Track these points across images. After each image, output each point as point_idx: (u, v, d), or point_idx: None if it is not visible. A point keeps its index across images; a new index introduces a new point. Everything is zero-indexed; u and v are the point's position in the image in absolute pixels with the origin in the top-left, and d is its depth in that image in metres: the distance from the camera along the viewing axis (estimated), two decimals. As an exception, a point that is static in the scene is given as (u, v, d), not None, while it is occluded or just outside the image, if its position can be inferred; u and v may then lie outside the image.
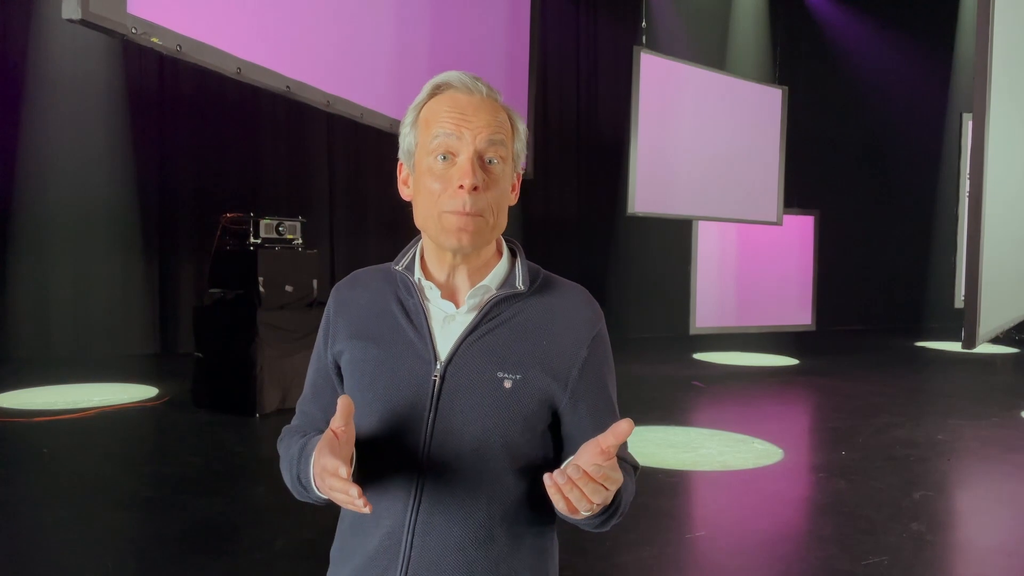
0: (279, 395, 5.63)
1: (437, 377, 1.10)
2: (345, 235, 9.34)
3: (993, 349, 10.27)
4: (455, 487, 1.09)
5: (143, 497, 4.01)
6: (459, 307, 1.14)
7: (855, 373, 8.33)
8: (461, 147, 1.09)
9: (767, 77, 11.42)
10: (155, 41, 3.71)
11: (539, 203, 10.45)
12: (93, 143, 8.05)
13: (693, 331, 10.22)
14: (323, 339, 1.22)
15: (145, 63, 8.19)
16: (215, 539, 3.47)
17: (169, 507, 3.83)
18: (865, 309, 12.78)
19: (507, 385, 1.10)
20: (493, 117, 1.11)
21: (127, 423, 5.51)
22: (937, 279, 12.73)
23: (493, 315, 1.13)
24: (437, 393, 1.10)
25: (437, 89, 1.14)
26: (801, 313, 11.26)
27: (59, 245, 7.99)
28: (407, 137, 1.16)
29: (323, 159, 9.19)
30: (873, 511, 3.95)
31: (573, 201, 11.00)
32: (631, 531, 3.56)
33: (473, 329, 1.12)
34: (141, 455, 4.87)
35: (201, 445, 4.98)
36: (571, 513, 0.98)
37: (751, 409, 6.71)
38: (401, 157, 1.18)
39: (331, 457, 0.98)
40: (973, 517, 4.17)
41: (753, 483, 4.49)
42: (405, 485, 1.10)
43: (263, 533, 3.56)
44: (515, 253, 1.20)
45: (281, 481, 1.21)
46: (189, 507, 3.81)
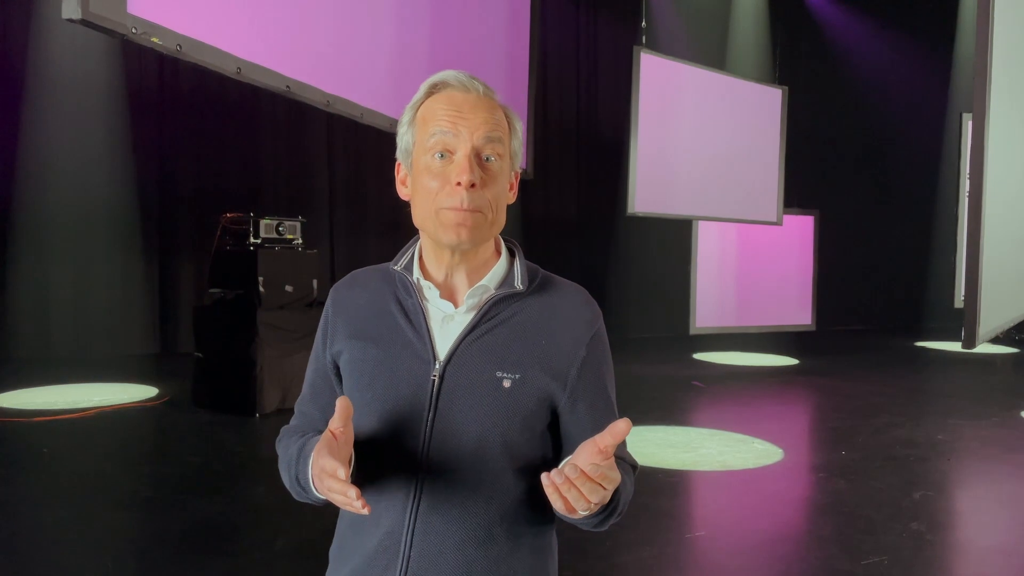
0: (279, 395, 5.63)
1: (436, 377, 1.10)
2: (345, 235, 9.34)
3: (993, 349, 10.27)
4: (454, 487, 1.09)
5: (143, 497, 4.01)
6: (458, 307, 1.14)
7: (855, 373, 8.33)
8: (458, 145, 1.09)
9: (767, 77, 11.42)
10: (155, 41, 3.71)
11: (539, 203, 10.45)
12: (93, 143, 8.05)
13: (693, 331, 10.23)
14: (322, 339, 1.22)
15: (145, 63, 8.19)
16: (215, 539, 3.47)
17: (169, 507, 3.83)
18: (865, 309, 12.77)
19: (506, 385, 1.10)
20: (490, 115, 1.11)
21: (127, 423, 5.51)
22: (937, 279, 12.73)
23: (492, 315, 1.13)
24: (436, 393, 1.10)
25: (434, 88, 1.14)
26: (801, 313, 11.26)
27: (59, 245, 7.99)
28: (404, 136, 1.16)
29: (323, 159, 9.19)
30: (873, 511, 3.95)
31: (573, 201, 11.00)
32: (631, 531, 3.56)
33: (472, 329, 1.12)
34: (141, 455, 4.87)
35: (201, 445, 4.99)
36: (569, 513, 0.98)
37: (751, 409, 6.71)
38: (399, 157, 1.18)
39: (330, 458, 0.98)
40: (973, 517, 4.17)
41: (753, 483, 4.49)
42: (404, 485, 1.10)
43: (263, 533, 3.56)
44: (513, 253, 1.20)
45: (281, 481, 1.21)
46: (189, 507, 3.81)
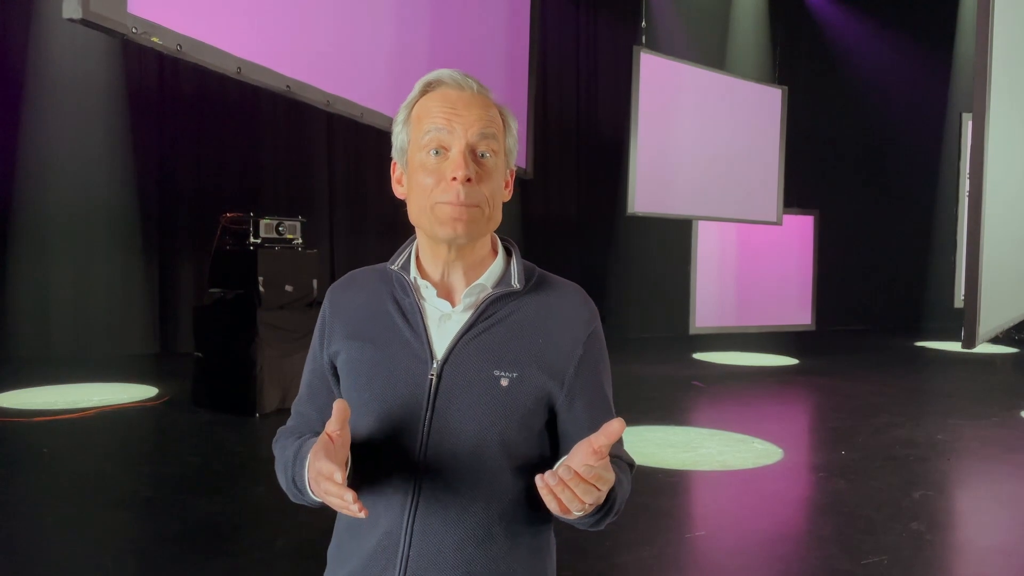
0: (279, 395, 5.63)
1: (434, 376, 1.10)
2: (345, 235, 9.34)
3: (993, 349, 10.27)
4: (453, 486, 1.09)
5: (143, 497, 4.01)
6: (455, 306, 1.14)
7: (855, 373, 8.33)
8: (453, 141, 1.09)
9: (767, 77, 11.42)
10: (155, 41, 3.71)
11: (539, 203, 10.45)
12: (93, 143, 8.04)
13: (693, 331, 10.23)
14: (319, 340, 1.22)
15: (145, 63, 8.19)
16: (215, 539, 3.47)
17: (169, 507, 3.83)
18: (865, 309, 12.77)
19: (504, 383, 1.10)
20: (484, 112, 1.11)
21: (127, 423, 5.51)
22: (937, 279, 12.73)
23: (489, 314, 1.13)
24: (434, 392, 1.10)
25: (428, 86, 1.14)
26: (801, 313, 11.26)
27: (59, 245, 7.99)
28: (399, 135, 1.16)
29: (323, 159, 9.19)
30: (873, 511, 3.95)
31: (573, 201, 11.00)
32: (631, 531, 3.56)
33: (469, 328, 1.12)
34: (141, 455, 4.87)
35: (201, 445, 4.99)
36: (563, 513, 0.98)
37: (751, 409, 6.71)
38: (394, 155, 1.18)
39: (326, 461, 0.98)
40: (973, 517, 4.17)
41: (753, 483, 4.49)
42: (403, 485, 1.10)
43: (263, 533, 3.56)
44: (510, 252, 1.20)
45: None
46: (189, 507, 3.81)
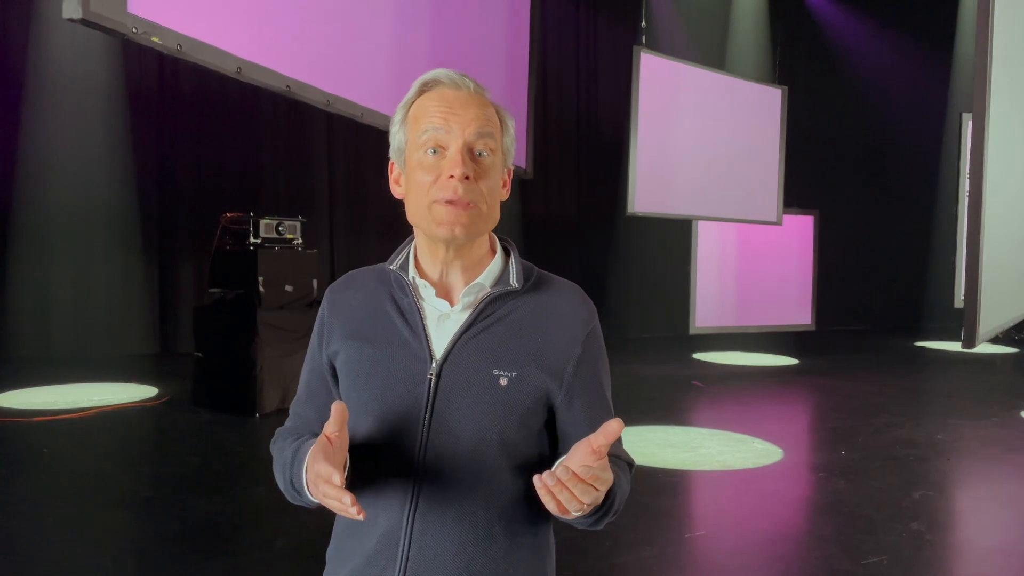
0: (279, 395, 5.63)
1: (433, 376, 1.10)
2: (345, 235, 9.34)
3: (993, 349, 10.27)
4: (452, 486, 1.09)
5: (143, 497, 4.01)
6: (453, 305, 1.14)
7: (855, 373, 8.33)
8: (450, 140, 1.09)
9: (767, 77, 11.42)
10: (155, 40, 3.71)
11: (539, 203, 10.45)
12: (93, 143, 8.04)
13: (693, 331, 10.23)
14: (317, 340, 1.22)
15: (145, 63, 8.19)
16: (215, 539, 3.47)
17: (169, 507, 3.83)
18: (865, 309, 12.77)
19: (503, 383, 1.10)
20: (482, 111, 1.11)
21: (127, 423, 5.51)
22: (937, 279, 12.73)
23: (488, 313, 1.13)
24: (433, 392, 1.10)
25: (425, 86, 1.14)
26: (801, 313, 11.26)
27: (59, 245, 7.99)
28: (397, 135, 1.16)
29: (323, 159, 9.19)
30: (873, 511, 3.95)
31: (573, 201, 10.99)
32: (631, 531, 3.56)
33: (468, 327, 1.12)
34: (141, 455, 4.87)
35: (201, 445, 4.98)
36: (562, 514, 0.98)
37: (751, 409, 6.71)
38: (392, 156, 1.18)
39: (325, 463, 0.98)
40: (973, 517, 4.17)
41: (753, 483, 4.49)
42: (402, 485, 1.09)
43: (263, 533, 3.56)
44: (508, 251, 1.20)
45: (279, 482, 1.21)
46: (189, 507, 3.81)
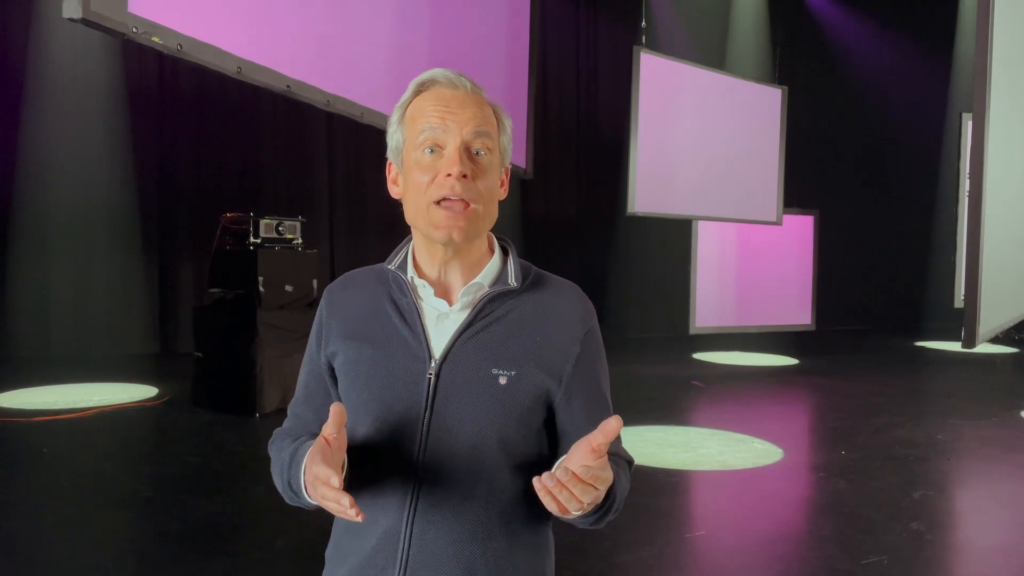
0: (279, 395, 5.63)
1: (432, 375, 1.10)
2: (345, 235, 9.34)
3: (993, 349, 10.27)
4: (452, 485, 1.09)
5: (143, 497, 4.01)
6: (452, 305, 1.14)
7: (855, 373, 8.33)
8: (448, 139, 1.09)
9: (767, 77, 11.42)
10: (156, 40, 3.71)
11: (539, 203, 10.45)
12: (93, 143, 8.04)
13: (693, 331, 10.23)
14: (316, 341, 1.22)
15: (145, 63, 8.19)
16: (215, 539, 3.47)
17: (169, 507, 3.83)
18: (865, 309, 12.77)
19: (502, 382, 1.10)
20: (479, 110, 1.12)
21: (127, 423, 5.51)
22: (937, 279, 12.73)
23: (486, 312, 1.13)
24: (432, 391, 1.10)
25: (422, 86, 1.15)
26: (801, 313, 11.27)
27: (59, 245, 7.99)
28: (394, 135, 1.16)
29: (323, 159, 9.19)
30: (873, 511, 3.95)
31: (573, 201, 10.99)
32: (631, 531, 3.56)
33: (467, 326, 1.12)
34: (141, 455, 4.87)
35: (201, 445, 4.98)
36: (562, 513, 0.98)
37: (751, 409, 6.71)
38: (390, 156, 1.18)
39: (323, 466, 0.98)
40: (973, 517, 4.17)
41: (753, 483, 4.49)
42: (402, 484, 1.10)
43: (263, 533, 3.56)
44: (507, 251, 1.20)
45: (279, 483, 1.21)
46: (189, 507, 3.81)
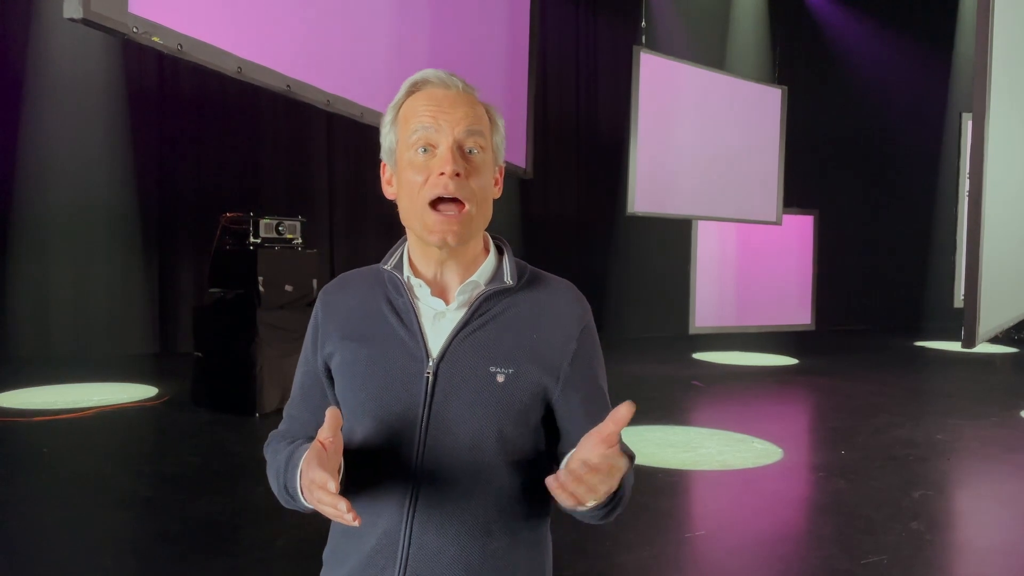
0: (279, 395, 5.63)
1: (430, 374, 1.11)
2: (345, 235, 9.34)
3: (993, 349, 10.27)
4: (451, 484, 1.09)
5: (143, 497, 4.01)
6: (448, 304, 1.14)
7: (855, 373, 8.33)
8: (440, 139, 1.10)
9: (767, 77, 11.41)
10: (156, 40, 3.71)
11: (539, 203, 10.45)
12: (93, 143, 8.04)
13: (693, 331, 10.23)
14: (312, 342, 1.22)
15: (145, 63, 8.19)
16: (215, 539, 3.47)
17: (169, 507, 3.83)
18: (865, 309, 12.77)
19: (500, 379, 1.10)
20: (471, 109, 1.12)
21: (127, 423, 5.51)
22: (937, 279, 12.73)
23: (483, 311, 1.14)
24: (431, 390, 1.10)
25: (414, 86, 1.15)
26: (801, 313, 11.27)
27: (59, 245, 7.98)
28: (388, 136, 1.16)
29: (323, 159, 9.19)
30: (873, 511, 3.95)
31: (573, 201, 10.99)
32: (631, 531, 3.56)
33: (464, 325, 1.12)
34: (141, 455, 4.87)
35: (201, 445, 4.98)
36: (576, 505, 0.97)
37: (751, 409, 6.71)
38: (383, 157, 1.18)
39: (319, 470, 0.98)
40: (973, 517, 4.17)
41: (753, 483, 4.49)
42: (401, 484, 1.10)
43: (263, 533, 3.56)
44: (502, 249, 1.20)
45: (277, 484, 1.20)
46: (189, 507, 3.81)
